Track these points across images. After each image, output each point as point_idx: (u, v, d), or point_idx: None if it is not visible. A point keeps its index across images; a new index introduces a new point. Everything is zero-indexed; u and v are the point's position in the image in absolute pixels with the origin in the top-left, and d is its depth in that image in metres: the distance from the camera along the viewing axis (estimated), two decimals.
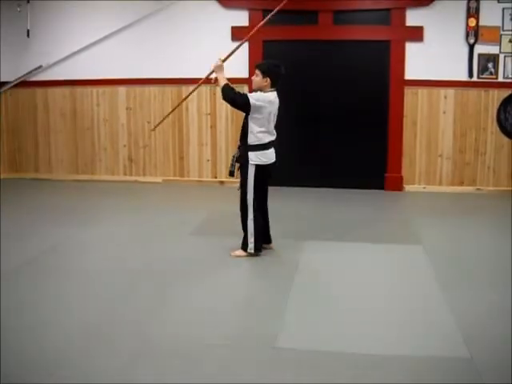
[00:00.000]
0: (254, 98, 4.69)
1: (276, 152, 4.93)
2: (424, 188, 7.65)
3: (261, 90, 4.77)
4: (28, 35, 7.92)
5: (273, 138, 4.86)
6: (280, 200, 7.13)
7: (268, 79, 4.73)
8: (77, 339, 3.38)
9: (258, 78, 4.77)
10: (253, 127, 4.74)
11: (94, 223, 5.99)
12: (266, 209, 5.07)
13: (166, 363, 3.11)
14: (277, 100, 4.83)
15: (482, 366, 3.06)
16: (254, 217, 4.84)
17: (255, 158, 4.77)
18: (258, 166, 4.78)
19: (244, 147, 4.82)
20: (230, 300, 4.07)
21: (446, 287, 4.20)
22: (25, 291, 4.13)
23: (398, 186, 7.65)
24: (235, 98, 4.71)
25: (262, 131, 4.75)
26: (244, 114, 4.81)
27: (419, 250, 5.12)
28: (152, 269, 4.64)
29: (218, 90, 5.09)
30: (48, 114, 8.33)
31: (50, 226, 5.83)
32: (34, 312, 3.78)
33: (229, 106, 4.89)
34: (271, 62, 4.93)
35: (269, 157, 4.85)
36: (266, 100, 4.71)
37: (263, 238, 5.02)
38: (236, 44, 5.17)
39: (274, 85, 4.78)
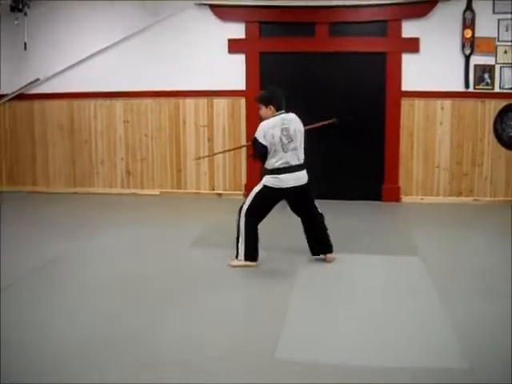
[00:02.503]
0: (259, 135, 4.83)
1: None
2: (421, 199, 7.65)
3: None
4: (25, 48, 7.92)
5: (288, 163, 4.88)
6: (278, 213, 7.14)
7: (271, 106, 4.88)
8: (77, 348, 3.38)
9: (263, 111, 4.94)
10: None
11: (93, 236, 5.96)
12: (320, 219, 5.16)
13: (166, 375, 3.09)
14: (284, 121, 4.86)
15: (481, 377, 3.05)
16: (245, 222, 4.87)
17: (266, 179, 4.90)
18: (267, 187, 4.87)
19: (263, 168, 4.97)
20: (229, 311, 4.05)
21: (443, 298, 4.18)
22: (25, 303, 4.12)
23: (395, 197, 7.65)
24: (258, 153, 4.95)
25: (273, 157, 4.85)
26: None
27: (417, 261, 5.11)
28: (151, 281, 4.63)
29: (216, 103, 5.16)
30: (45, 126, 8.33)
31: (48, 240, 5.80)
32: (34, 323, 3.77)
33: (226, 118, 4.95)
34: (265, 90, 5.12)
35: (283, 181, 4.87)
36: (267, 128, 4.81)
37: (320, 247, 5.10)
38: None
39: (280, 108, 4.90)
